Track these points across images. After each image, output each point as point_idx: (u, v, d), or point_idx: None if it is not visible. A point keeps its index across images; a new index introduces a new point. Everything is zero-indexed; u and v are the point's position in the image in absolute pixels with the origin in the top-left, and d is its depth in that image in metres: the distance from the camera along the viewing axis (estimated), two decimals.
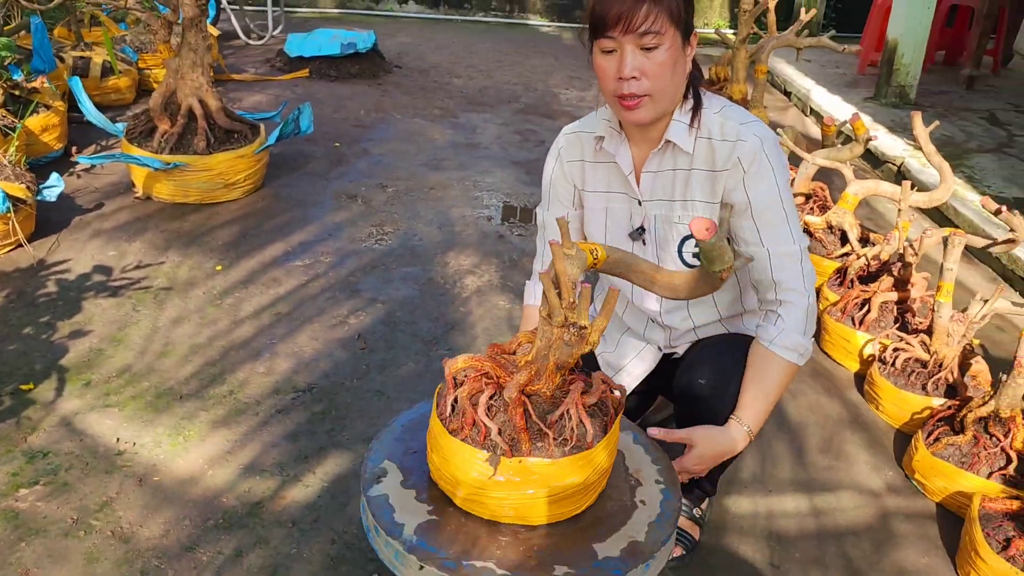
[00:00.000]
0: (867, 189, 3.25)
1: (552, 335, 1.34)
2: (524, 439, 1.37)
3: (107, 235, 3.34)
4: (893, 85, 5.70)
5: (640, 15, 1.50)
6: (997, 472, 2.14)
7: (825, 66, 6.90)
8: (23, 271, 3.02)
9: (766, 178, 1.66)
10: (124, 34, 5.44)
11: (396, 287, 3.10)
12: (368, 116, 5.17)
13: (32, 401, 2.34)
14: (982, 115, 5.58)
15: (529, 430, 1.38)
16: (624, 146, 1.76)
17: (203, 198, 3.68)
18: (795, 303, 1.69)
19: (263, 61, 6.31)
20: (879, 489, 2.26)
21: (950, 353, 2.48)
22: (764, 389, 1.68)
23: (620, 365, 2.00)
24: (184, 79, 3.65)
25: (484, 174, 4.32)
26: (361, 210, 3.77)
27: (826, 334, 2.88)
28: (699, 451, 1.66)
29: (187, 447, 2.21)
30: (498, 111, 5.51)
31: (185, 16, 3.57)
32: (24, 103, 3.88)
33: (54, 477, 2.06)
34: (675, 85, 1.61)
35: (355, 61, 6.06)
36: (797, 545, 2.04)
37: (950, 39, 7.02)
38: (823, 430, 2.48)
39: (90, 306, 2.83)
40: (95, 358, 2.55)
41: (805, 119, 5.88)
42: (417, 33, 7.89)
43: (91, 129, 4.11)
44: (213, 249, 3.30)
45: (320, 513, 2.01)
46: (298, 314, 2.88)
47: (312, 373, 2.56)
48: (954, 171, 4.38)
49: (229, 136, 3.76)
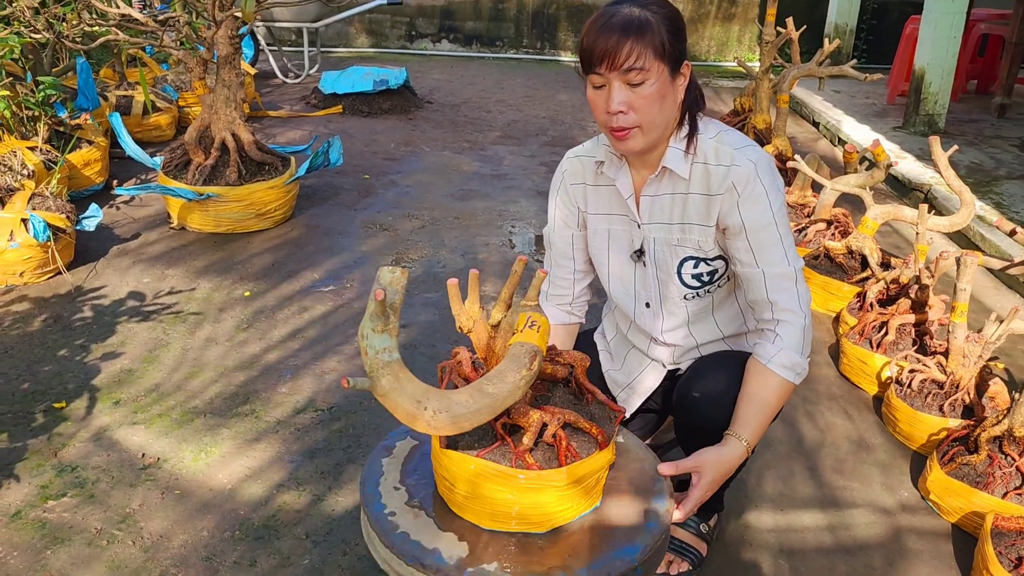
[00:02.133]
0: (887, 214, 3.26)
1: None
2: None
3: (143, 263, 3.47)
4: (921, 114, 5.69)
5: (623, 53, 1.56)
6: (1012, 492, 2.12)
7: (855, 97, 6.91)
8: (61, 297, 3.15)
9: (760, 201, 1.70)
10: (166, 74, 5.66)
11: (417, 312, 3.17)
12: (398, 149, 5.30)
13: (64, 418, 2.44)
14: (1013, 143, 5.54)
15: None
16: (624, 170, 1.81)
17: (235, 228, 3.80)
18: (791, 323, 1.72)
19: (299, 99, 6.51)
20: (893, 508, 2.25)
21: (967, 374, 2.47)
22: (760, 405, 1.70)
23: (626, 382, 2.03)
24: (218, 114, 3.79)
25: (509, 203, 4.40)
26: (387, 239, 3.86)
27: (844, 357, 2.88)
28: (708, 479, 1.64)
29: (208, 462, 2.28)
30: (525, 144, 5.60)
31: (220, 54, 3.72)
32: (68, 139, 4.06)
33: (81, 490, 2.15)
34: (664, 116, 1.66)
35: (387, 97, 6.22)
36: (807, 562, 2.04)
37: (981, 68, 6.99)
38: (839, 451, 2.48)
39: (123, 330, 2.94)
40: (126, 378, 2.65)
41: (836, 149, 5.88)
42: (449, 70, 8.07)
43: (131, 164, 4.29)
44: (244, 276, 3.41)
45: (334, 526, 2.06)
46: (323, 339, 2.96)
47: (333, 395, 2.62)
48: (982, 198, 4.38)
49: (261, 168, 3.89)
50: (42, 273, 3.24)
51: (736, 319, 1.91)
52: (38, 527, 2.01)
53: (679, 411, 1.85)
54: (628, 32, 1.56)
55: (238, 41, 3.75)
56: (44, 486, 2.15)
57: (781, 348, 1.70)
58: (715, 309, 1.89)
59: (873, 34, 8.60)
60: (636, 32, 1.56)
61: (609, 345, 2.10)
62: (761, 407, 1.70)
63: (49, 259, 3.22)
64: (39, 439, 2.34)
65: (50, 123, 3.98)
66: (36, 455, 2.27)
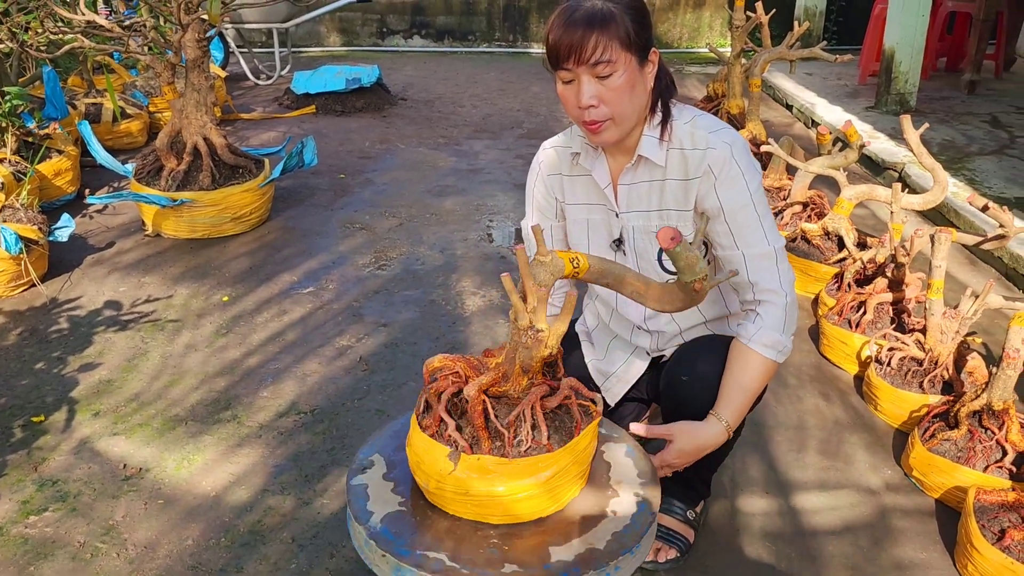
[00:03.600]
0: (861, 194, 3.27)
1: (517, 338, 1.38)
2: (484, 437, 1.41)
3: (118, 272, 3.44)
4: (893, 93, 5.72)
5: (589, 47, 1.56)
6: (993, 465, 2.14)
7: (827, 79, 6.94)
8: (36, 309, 3.11)
9: (737, 183, 1.70)
10: (135, 80, 5.60)
11: (398, 310, 3.16)
12: (373, 147, 5.27)
13: (43, 432, 2.41)
14: (984, 119, 5.59)
15: (488, 429, 1.42)
16: (600, 160, 1.81)
17: (211, 232, 3.77)
18: (773, 302, 1.72)
19: (272, 100, 6.46)
20: (877, 487, 2.27)
21: (945, 350, 2.49)
22: (742, 385, 1.71)
23: (610, 371, 2.03)
24: (189, 118, 3.76)
25: (486, 197, 4.39)
26: (365, 238, 3.84)
27: (824, 338, 2.89)
28: (679, 445, 1.70)
29: (192, 470, 2.26)
30: (501, 137, 5.59)
31: (188, 58, 3.69)
32: (37, 149, 4.01)
33: (63, 503, 2.12)
34: (635, 105, 1.66)
35: (360, 95, 6.19)
36: (794, 544, 2.05)
37: (950, 46, 7.04)
38: (822, 432, 2.49)
39: (101, 340, 2.91)
40: (104, 389, 2.62)
41: (810, 132, 5.91)
42: (422, 66, 8.03)
43: (103, 172, 4.24)
44: (221, 281, 3.38)
45: (319, 529, 2.05)
46: (303, 341, 2.94)
47: (315, 396, 2.61)
48: (955, 174, 4.41)
49: (235, 172, 3.85)
50: (16, 286, 3.20)
51: (717, 303, 1.92)
52: (20, 543, 1.99)
53: (667, 396, 1.85)
54: (592, 25, 1.56)
55: (206, 44, 3.71)
56: (25, 501, 2.13)
57: (761, 327, 1.71)
58: None
59: (843, 15, 8.64)
60: (600, 25, 1.56)
61: (591, 335, 2.10)
62: (743, 387, 1.71)
63: (22, 272, 3.17)
64: (19, 454, 2.31)
65: (18, 134, 3.93)
66: (16, 470, 2.25)
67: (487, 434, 1.39)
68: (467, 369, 1.43)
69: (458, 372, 1.44)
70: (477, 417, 1.38)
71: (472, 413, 1.39)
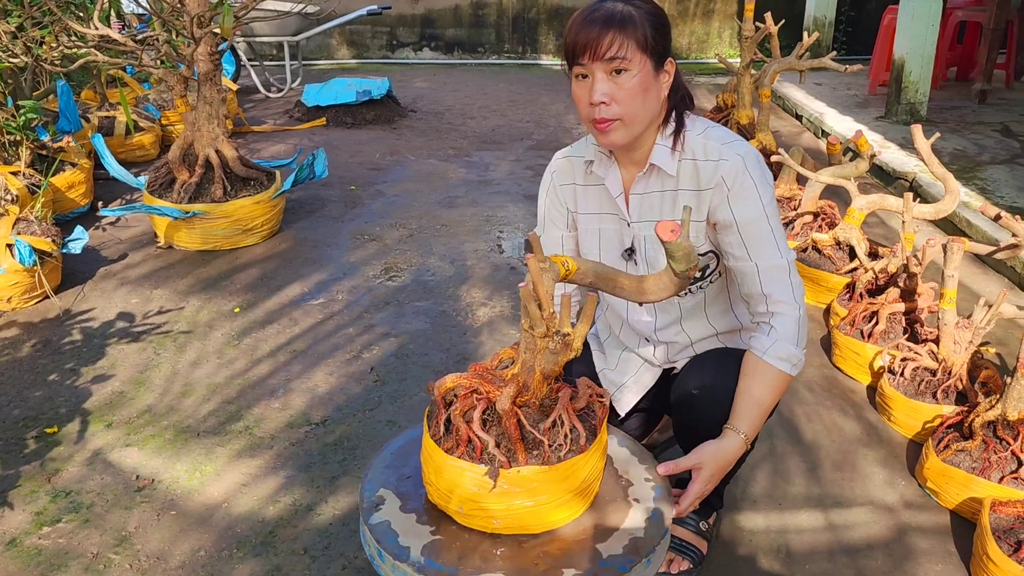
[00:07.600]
0: (872, 203, 3.27)
1: (536, 346, 1.38)
2: (520, 449, 1.41)
3: (131, 284, 3.45)
4: (903, 103, 5.72)
5: (605, 43, 1.58)
6: (1008, 476, 2.12)
7: (836, 88, 6.94)
8: (49, 321, 3.13)
9: (750, 195, 1.70)
10: (148, 93, 5.65)
11: (408, 321, 3.16)
12: (383, 159, 5.29)
13: (57, 443, 2.42)
14: (995, 128, 5.57)
15: (524, 440, 1.42)
16: (613, 169, 1.81)
17: (223, 244, 3.79)
18: (786, 314, 1.72)
19: (282, 112, 6.49)
20: (892, 500, 2.25)
21: (958, 360, 2.48)
22: (758, 398, 1.70)
23: (621, 382, 2.03)
24: (201, 131, 3.78)
25: (496, 209, 4.40)
26: (376, 249, 3.85)
27: (836, 348, 2.88)
28: (708, 472, 1.64)
29: (204, 481, 2.26)
30: (511, 148, 5.61)
31: (200, 71, 3.71)
32: (51, 162, 4.04)
33: (76, 514, 2.13)
34: (646, 110, 1.66)
35: (371, 108, 6.22)
36: (808, 559, 2.03)
37: (960, 55, 7.03)
38: (835, 443, 2.48)
39: (113, 352, 2.92)
40: (117, 400, 2.63)
41: (819, 142, 5.90)
42: (432, 78, 8.07)
43: (116, 185, 4.27)
44: (233, 293, 3.39)
45: (331, 540, 2.05)
46: (313, 351, 2.95)
47: (326, 407, 2.61)
48: (967, 183, 4.40)
49: (246, 184, 3.88)
50: (30, 298, 3.22)
51: (727, 314, 1.91)
52: (34, 554, 2.00)
53: (678, 409, 1.85)
54: (611, 24, 1.59)
55: (218, 58, 3.74)
56: (39, 512, 2.14)
57: (776, 340, 1.70)
58: (707, 305, 1.89)
59: (852, 25, 8.64)
60: (618, 24, 1.59)
61: (602, 345, 2.10)
62: (758, 400, 1.70)
63: (36, 284, 3.19)
64: (32, 465, 2.32)
65: (32, 147, 3.96)
66: (30, 481, 2.26)
67: (523, 445, 1.40)
68: (483, 384, 1.43)
69: (477, 389, 1.44)
70: (513, 429, 1.39)
71: (507, 426, 1.39)
